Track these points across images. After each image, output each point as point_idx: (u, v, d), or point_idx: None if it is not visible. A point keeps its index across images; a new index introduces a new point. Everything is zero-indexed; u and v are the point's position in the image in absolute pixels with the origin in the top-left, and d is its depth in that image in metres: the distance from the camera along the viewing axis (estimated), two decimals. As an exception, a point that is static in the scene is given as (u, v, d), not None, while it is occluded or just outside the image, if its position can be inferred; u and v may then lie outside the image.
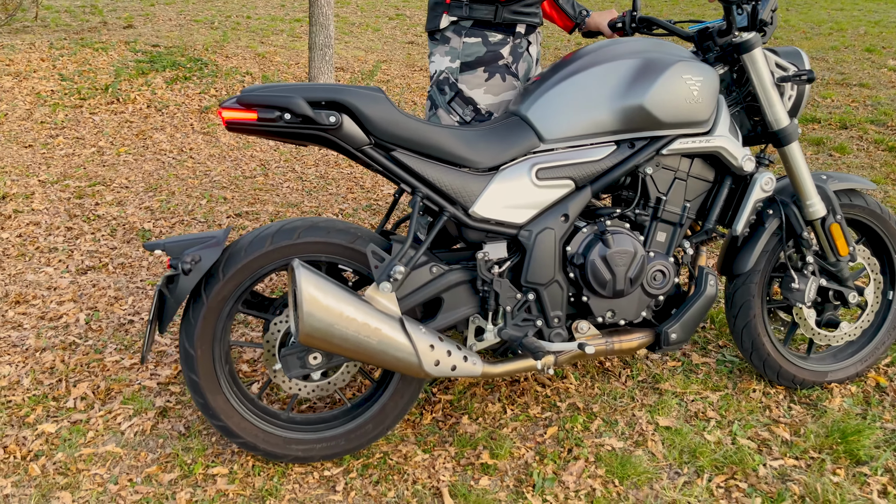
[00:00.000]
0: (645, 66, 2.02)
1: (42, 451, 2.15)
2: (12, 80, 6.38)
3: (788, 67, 2.18)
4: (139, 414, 2.33)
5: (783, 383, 2.44)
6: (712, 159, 2.16)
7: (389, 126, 1.90)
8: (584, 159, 2.03)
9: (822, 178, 2.31)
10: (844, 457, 2.14)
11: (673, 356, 2.68)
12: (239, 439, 2.04)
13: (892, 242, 2.43)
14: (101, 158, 4.85)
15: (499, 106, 2.26)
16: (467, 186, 1.99)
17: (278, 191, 4.37)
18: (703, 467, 2.11)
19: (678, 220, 2.14)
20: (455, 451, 2.19)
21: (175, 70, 6.88)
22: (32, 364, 2.57)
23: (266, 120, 1.84)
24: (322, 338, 1.81)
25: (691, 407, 2.39)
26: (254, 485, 2.05)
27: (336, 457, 2.10)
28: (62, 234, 3.67)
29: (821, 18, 11.74)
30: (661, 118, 2.02)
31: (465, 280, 2.06)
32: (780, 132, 2.17)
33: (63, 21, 9.15)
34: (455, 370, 1.96)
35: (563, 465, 2.13)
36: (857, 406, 2.38)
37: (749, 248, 2.30)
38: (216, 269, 1.96)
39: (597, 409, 2.38)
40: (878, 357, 2.49)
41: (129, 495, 2.00)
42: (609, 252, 2.02)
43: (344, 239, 2.00)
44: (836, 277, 2.35)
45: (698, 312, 2.18)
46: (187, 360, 1.99)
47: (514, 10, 2.23)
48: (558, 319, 2.08)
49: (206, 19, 9.95)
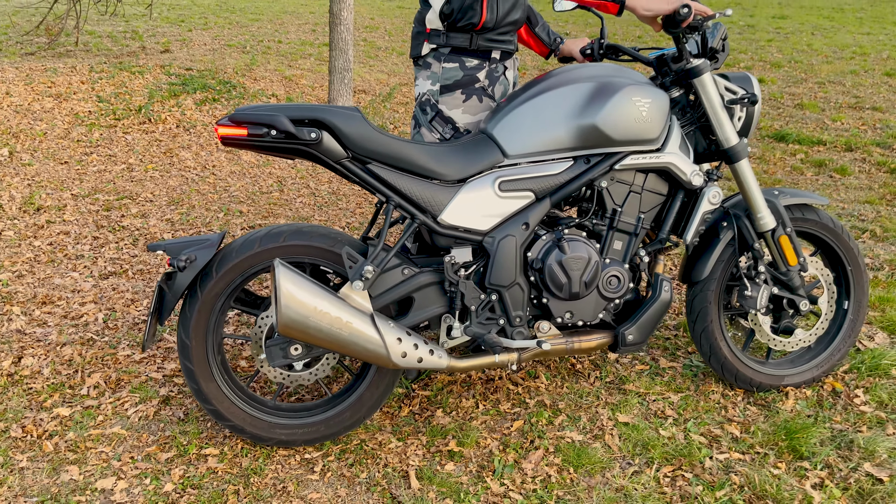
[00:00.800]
0: (599, 89, 2.23)
1: (56, 431, 2.40)
2: (53, 101, 6.78)
3: (737, 91, 2.37)
4: (144, 401, 2.57)
5: (741, 386, 2.59)
6: (665, 174, 2.34)
7: (365, 141, 2.13)
8: (543, 173, 2.24)
9: (773, 193, 2.48)
10: (788, 452, 2.29)
11: (642, 360, 2.85)
12: (228, 422, 2.27)
13: (845, 254, 2.59)
14: (129, 174, 5.17)
15: (476, 125, 2.48)
16: (436, 196, 2.20)
17: (291, 205, 4.63)
18: (654, 459, 2.28)
19: (633, 230, 2.33)
20: (426, 440, 2.39)
21: (205, 92, 7.23)
22: (53, 357, 2.83)
23: (255, 136, 2.07)
24: (298, 329, 2.04)
25: (652, 406, 2.56)
26: (241, 464, 2.27)
27: (316, 442, 2.31)
28: (89, 243, 3.96)
29: (845, 43, 11.79)
30: (613, 136, 2.22)
31: (434, 281, 2.26)
32: (730, 150, 2.35)
33: (104, 46, 9.61)
34: (421, 362, 2.17)
35: (523, 455, 2.31)
36: (809, 408, 2.53)
37: (705, 258, 2.48)
38: (210, 268, 2.19)
39: (563, 405, 2.56)
40: (833, 363, 2.63)
41: (129, 470, 2.23)
42: (565, 258, 2.21)
43: (325, 243, 2.22)
44: (787, 286, 2.51)
45: (654, 316, 2.36)
46: (183, 350, 2.22)
47: (488, 38, 2.44)
48: (520, 319, 2.28)
49: (238, 44, 10.37)
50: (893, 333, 3.00)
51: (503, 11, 2.37)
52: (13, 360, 2.79)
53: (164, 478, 2.20)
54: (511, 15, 2.41)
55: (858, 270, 2.60)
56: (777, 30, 13.59)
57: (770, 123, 6.68)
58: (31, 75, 7.27)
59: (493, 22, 2.37)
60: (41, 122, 6.21)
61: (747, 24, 14.43)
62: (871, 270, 3.60)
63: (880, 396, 2.56)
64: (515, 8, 2.42)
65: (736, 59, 10.32)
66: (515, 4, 2.42)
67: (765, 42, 11.90)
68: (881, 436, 2.35)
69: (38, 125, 6.13)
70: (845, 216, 4.38)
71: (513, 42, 2.53)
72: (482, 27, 2.36)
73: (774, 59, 10.12)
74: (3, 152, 5.47)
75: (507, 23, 2.42)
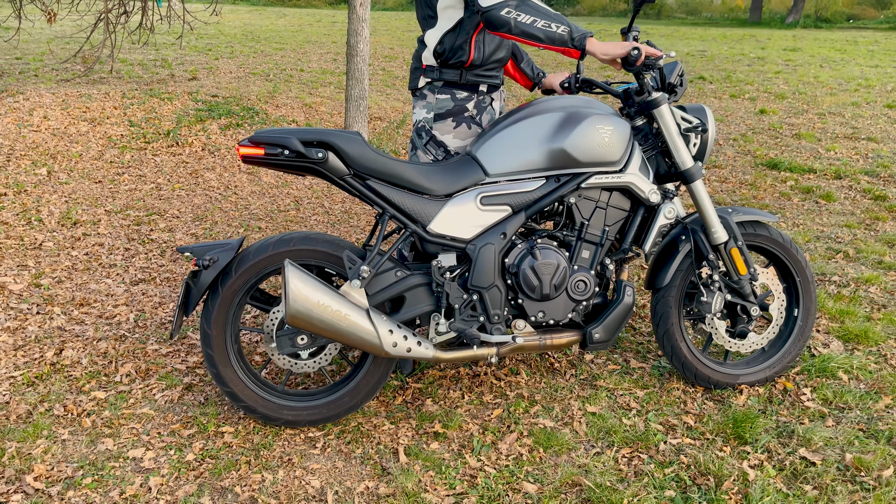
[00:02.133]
0: (567, 118, 2.57)
1: (93, 411, 2.75)
2: (88, 125, 7.24)
3: (693, 120, 2.70)
4: (170, 388, 2.91)
5: (701, 384, 2.90)
6: (627, 192, 2.67)
7: (364, 161, 2.49)
8: (519, 190, 2.58)
9: (727, 210, 2.80)
10: (734, 439, 2.59)
11: (614, 361, 3.16)
12: (242, 403, 2.61)
13: (793, 266, 2.89)
14: (158, 193, 5.58)
15: (465, 148, 2.82)
16: (426, 209, 2.55)
17: (306, 222, 5.01)
18: (615, 442, 2.59)
19: (599, 241, 2.66)
20: (416, 423, 2.71)
21: (229, 118, 7.67)
22: (90, 350, 3.19)
23: (270, 155, 2.44)
24: (304, 319, 2.38)
25: (619, 399, 2.86)
26: (252, 440, 2.60)
27: (319, 423, 2.64)
28: (121, 254, 4.35)
29: (852, 75, 12.08)
30: (579, 158, 2.56)
31: (423, 283, 2.60)
32: (686, 172, 2.68)
33: (136, 73, 10.13)
34: (410, 352, 2.50)
35: (500, 437, 2.63)
36: (760, 403, 2.82)
37: (666, 267, 2.80)
38: (230, 268, 2.55)
39: (539, 397, 2.88)
40: (784, 365, 2.92)
41: (156, 443, 2.57)
42: (537, 263, 2.54)
43: (329, 247, 2.57)
44: (739, 293, 2.82)
45: (618, 317, 2.68)
46: (205, 339, 2.57)
47: (476, 74, 2.79)
48: (498, 317, 2.61)
49: (262, 72, 10.87)
50: (849, 342, 3.29)
51: (489, 51, 2.73)
52: (55, 351, 3.16)
53: (186, 449, 2.54)
54: (496, 54, 2.77)
55: (806, 281, 2.91)
56: (786, 62, 13.91)
57: (766, 152, 6.99)
58: (67, 100, 7.76)
59: (480, 60, 2.72)
60: (77, 144, 6.66)
61: (757, 57, 14.78)
62: (837, 287, 3.89)
63: (825, 395, 2.85)
64: (500, 48, 2.77)
65: (742, 89, 10.65)
66: (500, 45, 2.77)
67: (772, 74, 12.22)
68: (820, 426, 2.64)
69: (74, 147, 6.58)
70: (823, 238, 4.67)
71: (499, 77, 2.88)
72: (470, 64, 2.72)
73: (779, 91, 10.44)
74: (42, 172, 5.92)
75: (493, 60, 2.77)
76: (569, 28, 2.45)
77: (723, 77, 11.85)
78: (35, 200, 5.22)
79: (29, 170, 5.92)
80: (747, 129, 8.10)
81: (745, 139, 7.57)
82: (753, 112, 9.02)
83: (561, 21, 2.45)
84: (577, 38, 2.44)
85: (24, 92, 8.03)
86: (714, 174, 6.30)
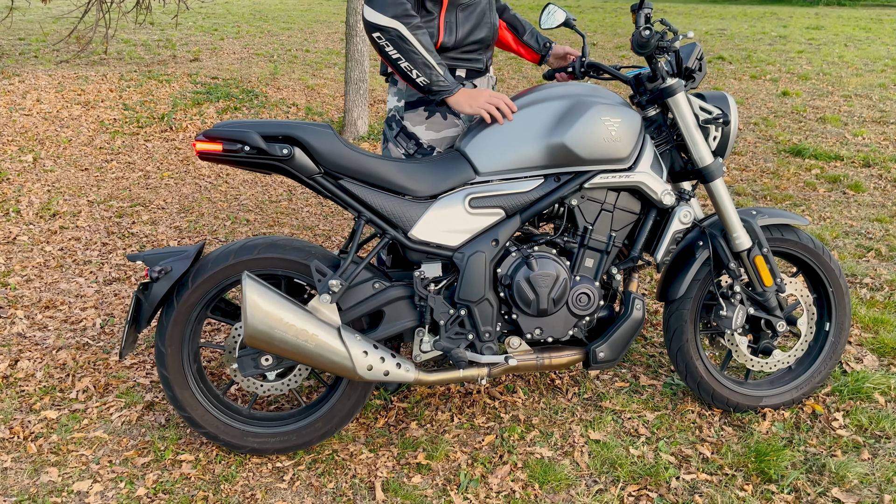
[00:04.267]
0: (569, 108, 2.24)
1: (41, 433, 2.48)
2: (81, 108, 6.97)
3: (713, 111, 2.36)
4: (129, 406, 2.64)
5: (718, 406, 2.58)
6: (638, 193, 2.35)
7: (336, 158, 2.18)
8: (514, 190, 2.26)
9: (751, 213, 2.47)
10: (756, 475, 2.27)
11: (622, 377, 2.85)
12: (202, 429, 2.33)
13: (826, 275, 2.56)
14: (146, 181, 5.30)
15: (440, 141, 2.49)
16: (407, 212, 2.24)
17: (298, 214, 4.71)
18: (620, 477, 2.28)
19: (605, 248, 2.34)
20: (397, 451, 2.42)
21: (228, 101, 7.37)
22: (48, 360, 2.92)
23: (229, 151, 2.13)
24: (264, 340, 2.09)
25: (626, 424, 2.56)
26: (213, 471, 2.32)
27: (288, 451, 2.36)
28: (98, 249, 4.08)
29: (878, 55, 11.58)
30: (581, 155, 2.23)
31: (404, 296, 2.30)
32: (704, 170, 2.35)
33: (137, 54, 9.84)
34: (388, 375, 2.20)
35: (491, 469, 2.33)
36: (785, 430, 2.50)
37: (681, 277, 2.48)
38: (186, 279, 2.25)
39: (536, 421, 2.57)
40: (813, 385, 2.60)
41: (106, 474, 2.30)
42: (533, 274, 2.23)
43: (298, 256, 2.27)
44: (763, 307, 2.49)
45: (625, 334, 2.37)
46: (160, 358, 2.29)
47: (451, 57, 2.43)
48: (489, 334, 2.30)
49: (266, 53, 10.55)
50: (884, 356, 2.96)
51: (463, 32, 2.38)
52: (10, 362, 2.89)
53: (138, 482, 2.27)
54: (474, 34, 2.41)
55: (840, 292, 2.58)
56: (809, 41, 13.40)
57: (788, 137, 6.60)
58: (62, 83, 7.49)
59: (453, 42, 2.38)
60: (67, 129, 6.40)
61: (779, 35, 14.26)
62: (870, 290, 3.55)
63: (860, 420, 2.53)
64: (479, 27, 2.42)
65: (763, 70, 10.21)
66: (479, 24, 2.41)
67: (795, 53, 11.74)
68: (854, 461, 2.32)
69: (65, 132, 6.31)
70: (852, 234, 4.31)
71: (481, 60, 2.50)
72: (440, 47, 2.37)
73: (803, 72, 9.99)
74: (27, 158, 5.65)
75: (471, 42, 2.42)
76: (429, 81, 2.23)
77: (743, 57, 11.38)
78: (17, 189, 4.96)
79: (14, 156, 5.66)
80: (769, 112, 7.70)
81: (766, 123, 7.17)
82: (775, 94, 8.60)
83: (426, 70, 2.23)
84: (436, 92, 2.27)
85: (21, 74, 7.78)
86: (733, 161, 5.93)
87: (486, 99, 2.26)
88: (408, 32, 2.20)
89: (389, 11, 2.18)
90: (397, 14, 2.19)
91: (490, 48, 2.53)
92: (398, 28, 2.19)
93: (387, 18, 2.19)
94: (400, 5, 2.19)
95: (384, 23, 2.19)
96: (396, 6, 2.19)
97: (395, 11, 2.19)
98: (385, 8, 2.19)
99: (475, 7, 2.40)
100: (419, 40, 2.21)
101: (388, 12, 2.19)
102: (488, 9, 2.45)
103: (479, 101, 2.26)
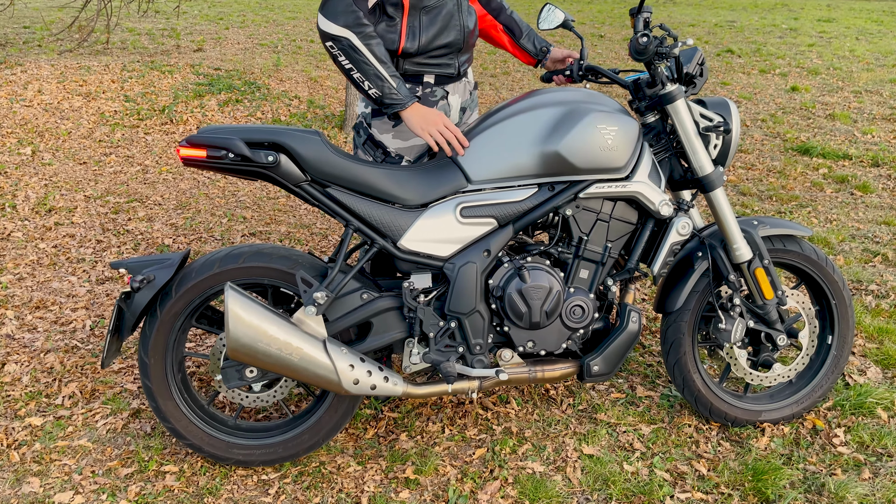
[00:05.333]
0: (564, 115, 2.17)
1: (25, 441, 2.44)
2: (82, 100, 6.91)
3: (714, 118, 2.29)
4: (115, 413, 2.60)
5: (716, 420, 2.52)
6: (635, 203, 2.28)
7: (323, 165, 2.11)
8: (506, 200, 2.19)
9: (752, 223, 2.40)
10: (753, 494, 2.21)
11: (619, 388, 2.78)
12: (186, 441, 2.28)
13: (829, 287, 2.49)
14: (143, 176, 5.25)
15: (409, 150, 2.40)
16: (396, 221, 2.18)
17: (295, 212, 4.65)
18: (613, 495, 2.22)
19: (600, 259, 2.27)
20: (386, 465, 2.37)
21: (230, 93, 7.30)
22: (35, 364, 2.88)
23: (213, 158, 2.07)
24: (247, 353, 2.03)
25: (621, 438, 2.50)
26: (198, 483, 2.28)
27: (274, 463, 2.31)
28: (92, 247, 4.03)
29: (890, 49, 11.41)
30: (576, 164, 2.16)
31: (393, 307, 2.24)
32: (704, 179, 2.28)
33: (141, 44, 9.78)
34: (375, 389, 2.15)
35: (480, 485, 2.27)
36: (784, 447, 2.44)
37: (679, 288, 2.41)
38: (170, 288, 2.20)
39: (529, 434, 2.52)
40: (814, 400, 2.53)
41: (88, 485, 2.26)
42: (525, 286, 2.17)
43: (284, 265, 2.21)
44: (763, 320, 2.42)
45: (620, 347, 2.31)
46: (143, 368, 2.24)
47: (416, 63, 2.35)
48: (480, 347, 2.24)
49: (271, 43, 10.47)
50: (888, 368, 2.88)
51: (428, 37, 2.29)
52: (-3, 366, 2.85)
53: (121, 494, 2.22)
54: (440, 38, 2.32)
55: (843, 304, 2.50)
56: (820, 34, 13.22)
57: (796, 135, 6.50)
58: (65, 73, 7.43)
59: (416, 48, 2.29)
60: (67, 120, 6.35)
61: (790, 28, 14.08)
62: (875, 297, 3.47)
63: (861, 437, 2.46)
64: (446, 31, 2.32)
65: (773, 63, 10.08)
66: (446, 27, 2.31)
67: (805, 47, 11.59)
68: (854, 480, 2.26)
69: (64, 124, 6.26)
70: (858, 237, 4.23)
71: (452, 65, 2.41)
72: (403, 52, 2.30)
73: (813, 66, 9.85)
74: (26, 151, 5.61)
75: (437, 46, 2.33)
76: (381, 93, 2.18)
77: (752, 50, 11.24)
78: (13, 184, 4.92)
79: (13, 149, 5.62)
80: (777, 108, 7.59)
81: (774, 120, 7.06)
82: (784, 89, 8.48)
83: (378, 82, 2.18)
84: (388, 105, 2.21)
85: (23, 64, 7.72)
86: (739, 160, 5.84)
87: (438, 127, 2.19)
88: (359, 42, 2.14)
89: (341, 20, 2.13)
90: (349, 23, 2.13)
91: (463, 51, 2.43)
92: (349, 37, 2.13)
93: (338, 27, 2.13)
94: (352, 14, 2.13)
95: (336, 32, 2.14)
96: (348, 15, 2.13)
97: (346, 20, 2.13)
98: (336, 17, 2.13)
99: (440, 10, 2.30)
100: (371, 51, 2.15)
101: (339, 21, 2.13)
102: (456, 11, 2.35)
103: (431, 126, 2.19)
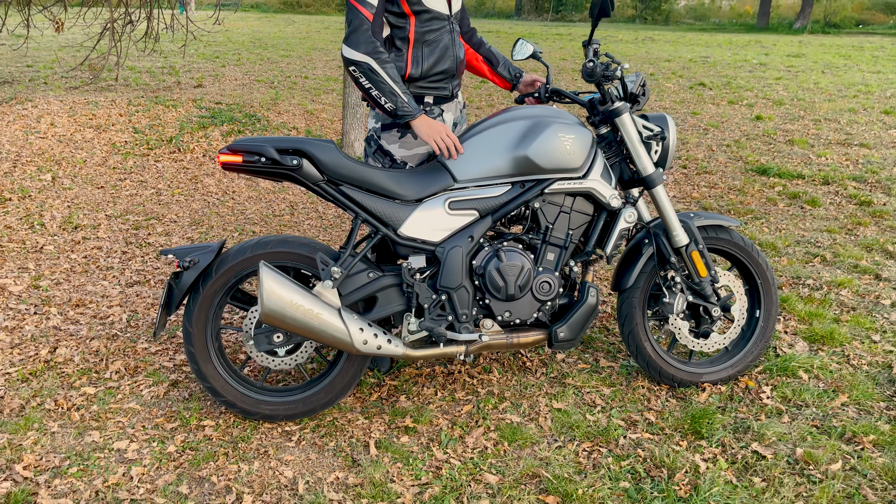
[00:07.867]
0: (531, 127, 2.70)
1: (82, 405, 2.89)
2: (93, 132, 7.41)
3: (654, 129, 2.82)
4: (157, 384, 3.05)
5: (665, 382, 3.01)
6: (590, 197, 2.79)
7: (337, 168, 2.62)
8: (486, 195, 2.70)
9: (689, 216, 2.91)
10: (691, 434, 2.70)
11: (585, 360, 3.27)
12: (222, 398, 2.74)
13: (754, 269, 3.00)
14: (158, 198, 5.74)
15: (412, 157, 2.91)
16: (396, 213, 2.68)
17: (300, 227, 5.15)
18: (576, 437, 2.70)
19: (563, 244, 2.78)
20: (388, 418, 2.83)
21: (231, 124, 7.83)
22: (83, 348, 3.34)
23: (248, 162, 2.57)
24: (277, 318, 2.51)
25: (586, 397, 2.98)
26: (232, 433, 2.73)
27: (295, 417, 2.77)
28: (118, 257, 4.50)
29: (853, 81, 12.13)
30: (542, 165, 2.68)
31: (394, 283, 2.73)
32: (647, 178, 2.80)
33: (143, 81, 10.33)
34: (380, 349, 2.63)
35: (468, 431, 2.75)
36: (721, 401, 2.93)
37: (631, 269, 2.92)
38: (210, 269, 2.68)
39: (508, 394, 3.00)
40: (747, 364, 3.03)
41: (141, 435, 2.71)
42: (502, 265, 2.67)
43: (304, 250, 2.70)
44: (700, 295, 2.93)
45: (582, 317, 2.80)
46: (187, 336, 2.71)
47: (419, 86, 2.87)
48: (466, 316, 2.73)
49: (267, 79, 11.05)
50: (814, 343, 3.39)
51: (429, 64, 2.81)
52: (50, 349, 3.30)
53: (169, 441, 2.68)
54: (438, 66, 2.84)
55: (767, 283, 3.01)
56: (788, 68, 13.97)
57: (757, 158, 7.08)
58: (74, 108, 7.95)
59: (419, 74, 2.82)
60: (82, 150, 6.84)
61: (760, 63, 14.84)
62: (810, 290, 3.99)
63: (784, 393, 2.96)
64: (443, 59, 2.84)
65: (741, 95, 10.74)
66: (443, 57, 2.84)
67: (773, 80, 12.29)
68: (775, 422, 2.75)
69: (79, 153, 6.75)
70: (803, 243, 4.76)
71: (447, 88, 2.93)
72: (409, 78, 2.83)
73: (778, 97, 10.51)
74: (46, 177, 6.09)
75: (436, 73, 2.85)
76: (395, 106, 2.66)
77: (723, 83, 11.94)
78: (38, 205, 5.39)
79: (34, 175, 6.10)
80: (741, 135, 8.19)
81: (738, 145, 7.66)
82: (749, 118, 9.11)
83: (392, 98, 2.66)
84: (400, 116, 2.69)
85: (33, 99, 8.23)
86: (703, 180, 6.40)
87: (441, 135, 2.70)
88: (378, 66, 2.65)
89: (362, 49, 2.64)
90: (369, 51, 2.64)
91: (456, 77, 2.96)
92: (369, 62, 2.64)
93: (360, 54, 2.65)
94: (371, 43, 2.65)
95: (358, 58, 2.65)
96: (368, 44, 2.65)
97: (367, 49, 2.64)
98: (359, 45, 2.65)
99: (438, 43, 2.83)
100: (387, 73, 2.66)
101: (360, 49, 2.64)
102: (451, 44, 2.87)
103: (436, 134, 2.70)
